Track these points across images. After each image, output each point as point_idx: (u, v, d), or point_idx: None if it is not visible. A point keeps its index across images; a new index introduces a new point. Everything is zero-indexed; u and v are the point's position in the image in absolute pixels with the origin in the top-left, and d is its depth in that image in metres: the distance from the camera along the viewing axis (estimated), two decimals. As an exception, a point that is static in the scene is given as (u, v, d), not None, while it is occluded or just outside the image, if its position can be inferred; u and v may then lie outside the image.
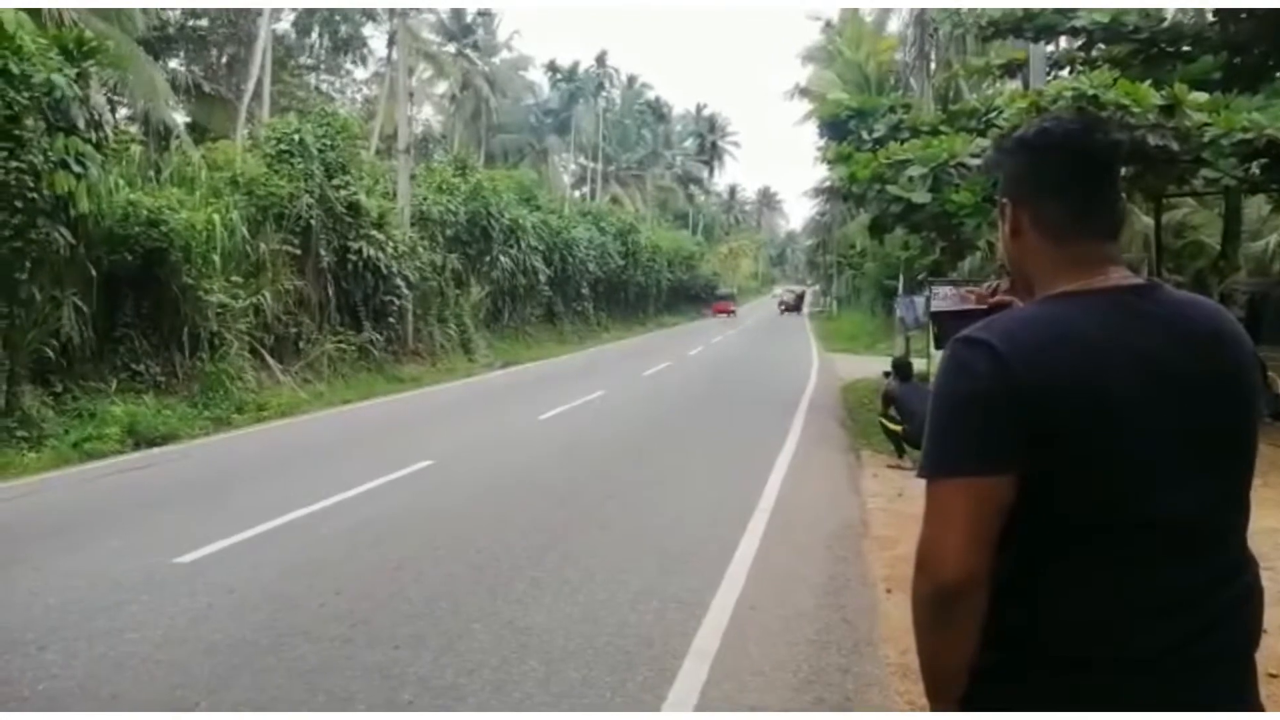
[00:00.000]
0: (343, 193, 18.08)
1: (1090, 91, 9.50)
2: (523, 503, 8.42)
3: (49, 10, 15.18)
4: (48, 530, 7.30)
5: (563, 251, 34.38)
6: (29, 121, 10.09)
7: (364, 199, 18.94)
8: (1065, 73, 14.94)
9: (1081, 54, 14.76)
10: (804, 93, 35.53)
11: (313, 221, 17.17)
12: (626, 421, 14.16)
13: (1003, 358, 1.38)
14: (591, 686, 4.33)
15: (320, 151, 17.66)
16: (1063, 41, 15.67)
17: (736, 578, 6.11)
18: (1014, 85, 16.95)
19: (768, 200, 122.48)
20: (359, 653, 4.69)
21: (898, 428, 10.54)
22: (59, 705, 4.09)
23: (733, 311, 60.87)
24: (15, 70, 9.97)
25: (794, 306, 68.15)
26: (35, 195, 10.16)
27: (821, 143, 16.80)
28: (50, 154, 10.32)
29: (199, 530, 6.98)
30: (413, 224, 21.90)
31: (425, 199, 24.02)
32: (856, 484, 9.69)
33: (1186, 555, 1.40)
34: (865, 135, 14.12)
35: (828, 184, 22.18)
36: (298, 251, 16.98)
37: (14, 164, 9.94)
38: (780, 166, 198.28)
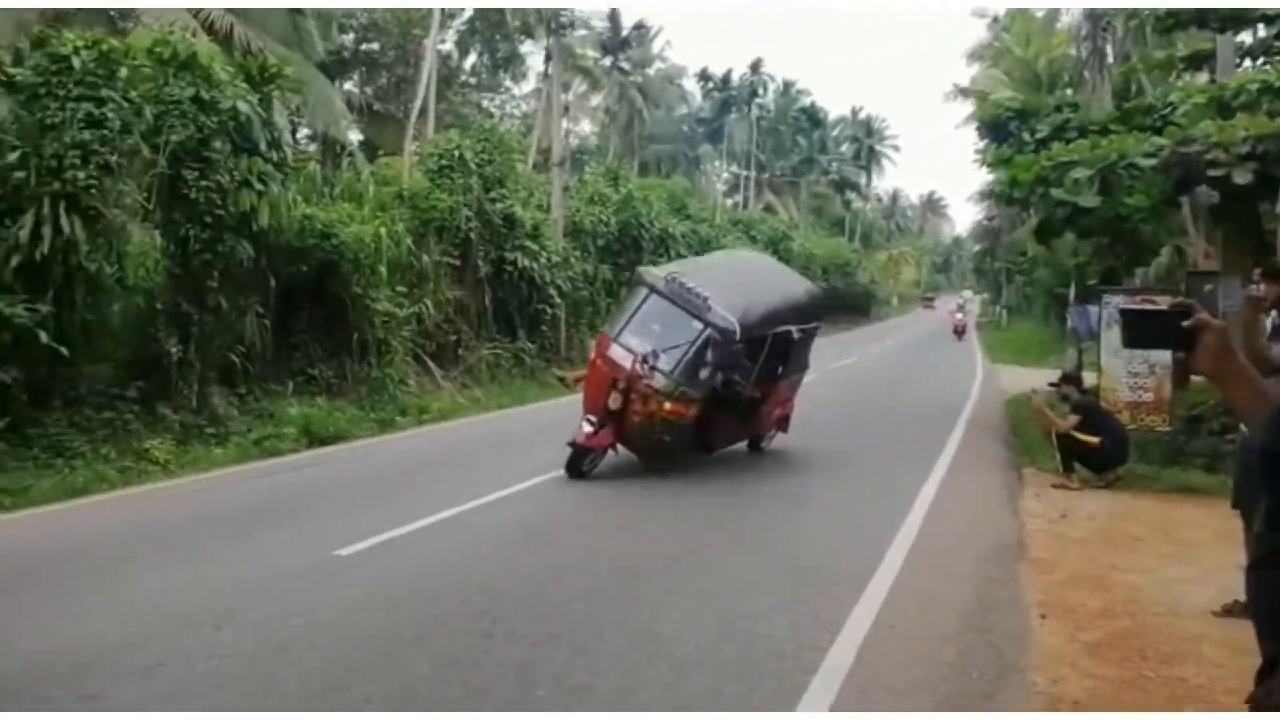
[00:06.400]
0: (499, 205, 18.79)
1: (1278, 84, 8.77)
2: (660, 512, 8.50)
3: (239, 38, 16.63)
4: (230, 520, 7.98)
5: (713, 260, 34.37)
6: (217, 144, 11.08)
7: (519, 211, 19.63)
8: (1261, 62, 13.79)
9: (1277, 42, 13.57)
10: (965, 93, 34.23)
11: (471, 234, 17.95)
12: (781, 451, 13.94)
13: None
14: (720, 696, 4.37)
15: (479, 166, 18.43)
16: (1261, 29, 14.45)
17: (875, 596, 5.98)
18: (1202, 79, 15.77)
19: (932, 205, 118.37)
20: (496, 648, 4.91)
21: (1093, 440, 9.81)
22: (226, 680, 4.48)
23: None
24: (205, 97, 10.98)
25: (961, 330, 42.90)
26: (222, 212, 11.15)
27: (980, 145, 16.15)
28: (235, 173, 11.29)
29: (360, 525, 7.43)
30: (565, 235, 22.52)
31: (578, 210, 24.64)
32: (1015, 503, 9.28)
33: None
34: (1027, 136, 13.49)
35: (993, 188, 21.29)
36: (457, 262, 17.80)
37: (204, 183, 10.95)
38: (945, 170, 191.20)
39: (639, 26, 52.06)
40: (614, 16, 50.62)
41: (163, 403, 10.92)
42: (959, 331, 42.82)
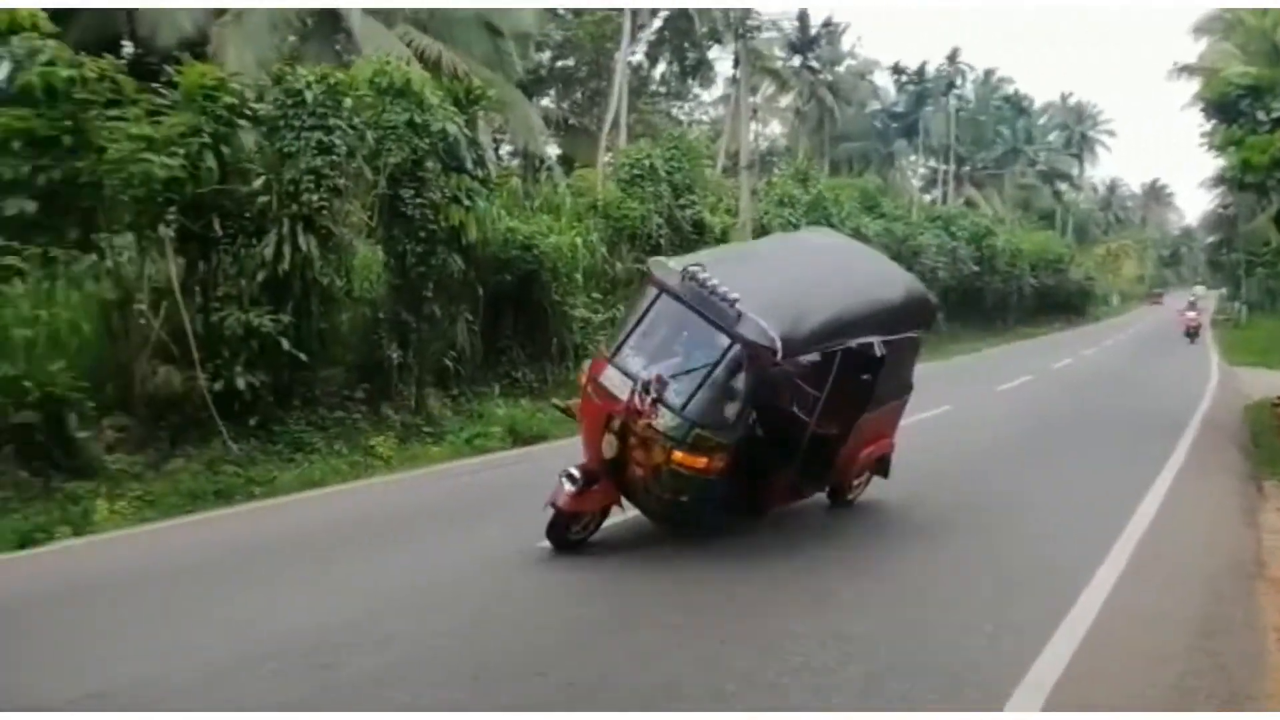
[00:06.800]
0: (688, 212, 19.04)
1: None
2: (854, 519, 8.31)
3: (447, 64, 17.78)
4: (446, 512, 8.57)
5: (908, 259, 33.18)
6: (429, 164, 11.91)
7: (708, 216, 19.81)
8: None
9: None
10: (1190, 70, 31.24)
11: (661, 240, 18.26)
12: (986, 453, 13.37)
13: None
14: (912, 705, 4.28)
15: (668, 174, 18.75)
16: None
17: (1088, 610, 5.65)
18: None
19: (1155, 194, 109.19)
20: (688, 642, 5.02)
21: None
22: (437, 664, 4.80)
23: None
24: (418, 121, 11.83)
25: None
26: (435, 227, 11.97)
27: (1207, 127, 14.72)
28: (445, 191, 12.10)
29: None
30: (754, 238, 22.45)
31: (766, 213, 24.55)
32: (1253, 517, 8.51)
33: None
34: (1262, 115, 12.18)
35: (1224, 173, 19.37)
36: (647, 269, 18.14)
37: (418, 201, 11.81)
38: (1170, 155, 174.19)
39: (828, 24, 51.21)
40: (802, 16, 50.07)
41: (385, 403, 11.86)
42: (1191, 333, 37.27)
